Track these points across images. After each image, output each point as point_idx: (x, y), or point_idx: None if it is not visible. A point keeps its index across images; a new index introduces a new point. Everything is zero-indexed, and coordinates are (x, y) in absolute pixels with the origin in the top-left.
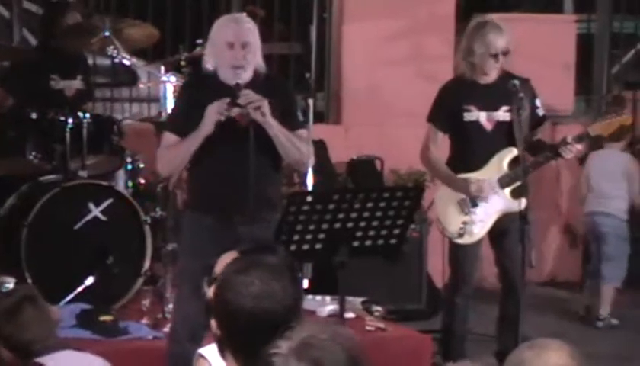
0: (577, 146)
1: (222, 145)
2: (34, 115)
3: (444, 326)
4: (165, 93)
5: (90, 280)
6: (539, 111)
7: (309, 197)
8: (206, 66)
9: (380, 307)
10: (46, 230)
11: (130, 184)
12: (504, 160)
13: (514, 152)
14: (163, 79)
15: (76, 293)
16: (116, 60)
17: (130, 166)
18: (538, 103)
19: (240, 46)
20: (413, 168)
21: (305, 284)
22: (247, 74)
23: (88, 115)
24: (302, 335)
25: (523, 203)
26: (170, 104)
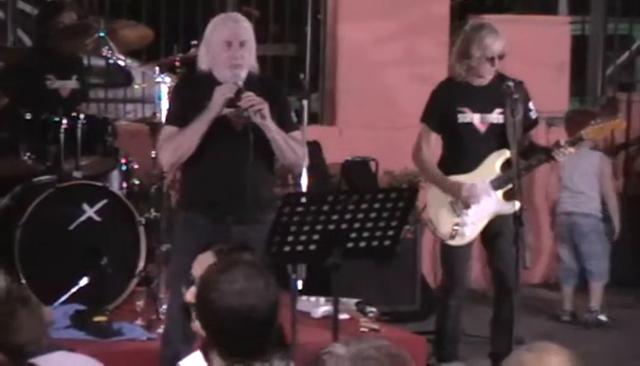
0: (570, 149)
1: (216, 145)
2: (28, 116)
3: (437, 328)
4: (160, 94)
5: (84, 280)
6: (532, 114)
7: (303, 198)
8: (201, 67)
9: (374, 308)
10: (40, 231)
11: (124, 184)
12: (496, 162)
13: (507, 154)
14: (157, 80)
15: (70, 293)
16: (111, 61)
17: (125, 167)
18: (531, 106)
19: (238, 45)
20: (407, 170)
21: (299, 285)
22: (244, 73)
23: (82, 116)
24: (361, 346)
25: (517, 205)
26: (164, 105)
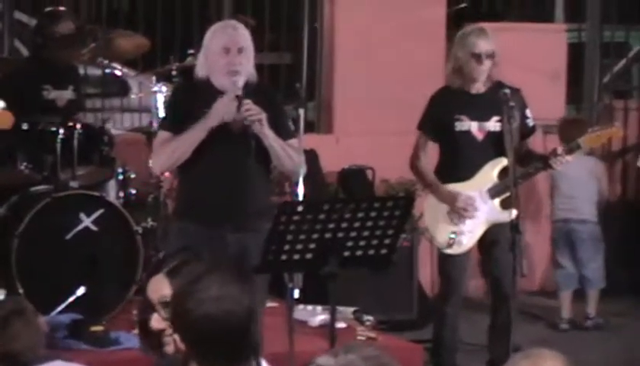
0: (568, 157)
1: (215, 149)
2: (25, 126)
3: (435, 336)
4: (156, 103)
5: (81, 290)
6: (529, 122)
7: (300, 207)
8: (199, 74)
9: (371, 317)
10: (37, 241)
11: (121, 194)
12: (493, 170)
13: (504, 162)
14: (154, 89)
15: (67, 303)
16: (107, 70)
17: (121, 176)
18: (528, 113)
19: (236, 51)
20: (404, 178)
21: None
22: (242, 80)
23: (78, 125)
24: (350, 356)
25: (513, 213)
26: (161, 114)
